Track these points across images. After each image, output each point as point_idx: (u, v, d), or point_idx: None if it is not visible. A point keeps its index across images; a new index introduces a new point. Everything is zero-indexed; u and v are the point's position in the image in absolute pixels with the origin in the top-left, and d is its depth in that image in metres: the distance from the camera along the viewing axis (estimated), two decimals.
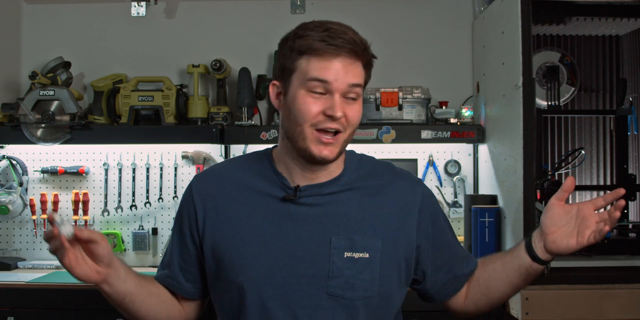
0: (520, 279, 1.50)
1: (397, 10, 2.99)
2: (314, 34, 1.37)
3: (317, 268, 1.39)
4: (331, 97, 1.35)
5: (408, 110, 2.79)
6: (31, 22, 3.03)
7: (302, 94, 1.37)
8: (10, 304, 2.39)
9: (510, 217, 2.36)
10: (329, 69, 1.35)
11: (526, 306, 2.19)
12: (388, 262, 1.43)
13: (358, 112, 1.40)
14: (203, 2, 3.01)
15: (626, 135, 2.64)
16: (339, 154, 1.40)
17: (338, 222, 1.42)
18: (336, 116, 1.34)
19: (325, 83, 1.35)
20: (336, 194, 1.45)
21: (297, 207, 1.42)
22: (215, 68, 2.80)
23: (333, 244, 1.40)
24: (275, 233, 1.41)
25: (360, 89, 1.40)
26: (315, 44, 1.35)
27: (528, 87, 2.22)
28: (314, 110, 1.35)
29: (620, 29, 2.77)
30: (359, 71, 1.39)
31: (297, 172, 1.44)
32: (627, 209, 2.61)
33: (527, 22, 2.21)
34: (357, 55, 1.38)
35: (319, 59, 1.36)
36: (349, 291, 1.39)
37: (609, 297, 2.20)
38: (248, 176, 1.47)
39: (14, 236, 2.92)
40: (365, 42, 1.41)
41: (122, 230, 2.90)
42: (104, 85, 2.86)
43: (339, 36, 1.36)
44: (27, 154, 2.91)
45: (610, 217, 1.41)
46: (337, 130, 1.37)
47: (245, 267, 1.40)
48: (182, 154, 2.89)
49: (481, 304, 1.57)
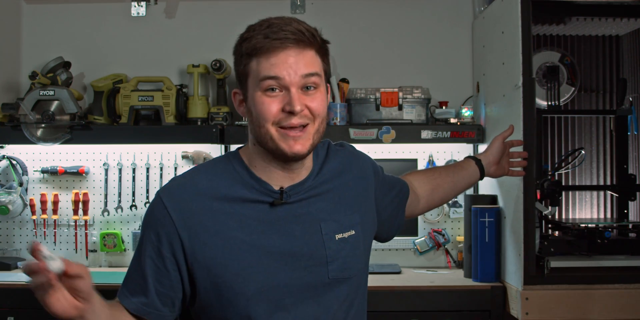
0: (465, 188, 1.92)
1: (397, 10, 2.99)
2: (257, 33, 1.36)
3: (316, 257, 1.42)
4: (288, 93, 1.33)
5: (408, 110, 2.79)
6: (31, 22, 3.03)
7: (258, 95, 1.34)
8: (10, 304, 2.39)
9: (510, 217, 2.36)
10: (277, 65, 1.33)
11: (526, 306, 2.20)
12: (368, 233, 1.54)
13: (321, 101, 1.38)
14: (203, 2, 3.01)
15: (626, 135, 2.64)
16: (312, 146, 1.38)
17: (321, 209, 1.45)
18: (295, 111, 1.32)
19: (277, 79, 1.33)
20: (315, 186, 1.46)
21: (286, 209, 1.41)
22: (215, 68, 2.80)
23: (324, 230, 1.43)
24: (270, 236, 1.39)
25: (317, 78, 1.36)
26: (260, 43, 1.34)
27: (528, 87, 2.22)
28: (273, 109, 1.33)
29: (620, 29, 2.77)
30: (310, 59, 1.36)
31: (277, 174, 1.41)
32: (627, 209, 2.61)
33: (527, 22, 2.22)
34: (305, 44, 1.35)
35: (266, 57, 1.34)
36: (347, 270, 1.44)
37: (608, 297, 2.21)
38: (225, 185, 1.40)
39: (14, 236, 2.92)
40: (313, 29, 1.38)
41: (122, 230, 2.90)
42: (104, 85, 2.86)
43: (281, 29, 1.34)
44: (27, 154, 2.91)
45: (521, 154, 2.09)
46: (302, 124, 1.35)
47: (252, 275, 1.37)
48: (182, 154, 2.89)
49: (433, 206, 1.87)
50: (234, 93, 1.44)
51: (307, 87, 1.35)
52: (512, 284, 2.31)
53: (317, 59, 1.38)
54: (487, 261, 2.45)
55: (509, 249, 2.37)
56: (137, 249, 1.41)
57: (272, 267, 1.39)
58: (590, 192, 2.82)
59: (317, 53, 1.38)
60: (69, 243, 2.90)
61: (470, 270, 2.51)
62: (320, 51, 1.40)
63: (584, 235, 2.39)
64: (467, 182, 1.88)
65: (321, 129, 1.39)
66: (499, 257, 2.45)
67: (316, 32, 1.39)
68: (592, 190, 2.81)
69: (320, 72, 1.38)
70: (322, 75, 1.39)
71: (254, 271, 1.38)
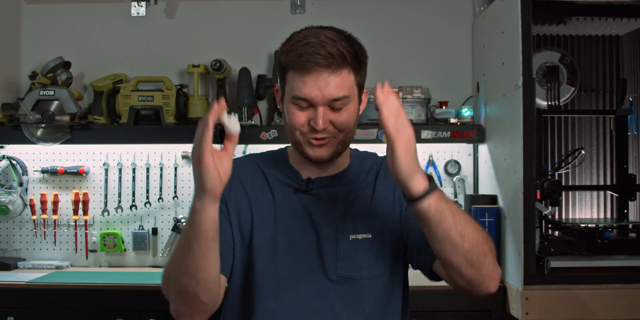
0: (425, 229, 1.33)
1: (397, 10, 3.00)
2: (294, 48, 1.42)
3: (327, 252, 1.49)
4: (315, 110, 1.42)
5: (408, 110, 2.79)
6: (31, 22, 3.03)
7: (290, 105, 1.46)
8: (10, 304, 2.39)
9: (510, 217, 2.36)
10: (307, 86, 1.40)
11: (526, 306, 2.20)
12: (392, 242, 1.53)
13: (348, 116, 1.45)
14: (203, 2, 3.01)
15: (626, 135, 2.64)
16: (335, 153, 1.49)
17: (344, 209, 1.53)
18: (318, 128, 1.42)
19: (306, 101, 1.42)
20: (343, 185, 1.56)
21: (308, 198, 1.53)
22: (215, 68, 2.80)
23: (339, 229, 1.50)
24: (289, 221, 1.51)
25: (345, 100, 1.43)
26: (294, 60, 1.41)
27: (528, 87, 2.22)
28: (301, 120, 1.45)
29: (620, 29, 2.77)
30: (341, 82, 1.42)
31: (307, 166, 1.55)
32: (627, 209, 2.61)
33: (527, 22, 2.22)
34: (337, 65, 1.40)
35: (300, 75, 1.41)
36: (356, 271, 1.48)
37: (609, 297, 2.21)
38: (266, 168, 1.59)
39: (14, 236, 2.92)
40: (347, 49, 1.42)
41: (122, 230, 2.90)
42: (104, 85, 2.86)
43: (315, 51, 1.39)
44: (27, 154, 2.91)
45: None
46: (325, 137, 1.45)
47: (264, 248, 1.50)
48: (182, 154, 2.89)
49: (447, 268, 1.38)
50: (275, 90, 1.57)
51: (335, 106, 1.43)
52: (512, 284, 2.31)
53: (350, 77, 1.44)
54: None
55: (509, 249, 2.37)
56: None
57: (281, 249, 1.50)
58: (590, 192, 2.82)
59: (350, 70, 1.44)
60: (69, 243, 2.90)
61: None
62: (354, 68, 1.45)
63: (584, 235, 2.39)
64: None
65: (347, 140, 1.50)
66: (499, 257, 2.45)
67: (353, 52, 1.43)
68: (592, 190, 2.82)
69: (351, 92, 1.45)
70: (353, 93, 1.46)
71: (265, 246, 1.50)
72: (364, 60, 1.50)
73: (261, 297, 1.48)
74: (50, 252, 2.91)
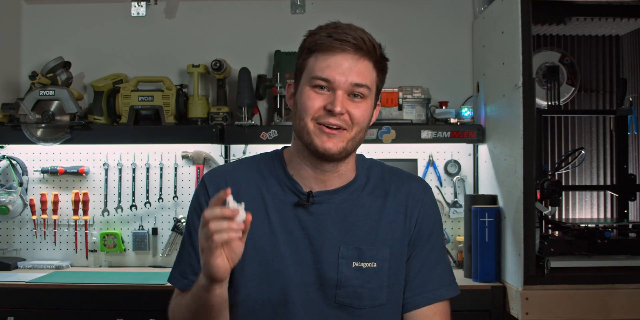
0: None
1: (397, 10, 3.00)
2: (322, 30, 1.40)
3: (326, 277, 1.40)
4: (334, 94, 1.37)
5: (408, 110, 2.79)
6: (31, 22, 3.03)
7: (307, 89, 1.39)
8: (10, 303, 2.40)
9: (510, 217, 2.36)
10: (331, 67, 1.37)
11: (526, 306, 2.20)
12: (396, 270, 1.44)
13: (364, 111, 1.39)
14: (203, 2, 3.01)
15: (626, 135, 2.64)
16: (344, 150, 1.39)
17: (347, 231, 1.43)
18: (335, 111, 1.35)
19: (328, 81, 1.37)
20: (347, 202, 1.45)
21: (308, 215, 1.42)
22: (215, 68, 2.80)
23: (341, 254, 1.40)
24: (287, 240, 1.41)
25: (366, 90, 1.39)
26: (322, 39, 1.38)
27: (528, 87, 2.22)
28: (317, 104, 1.37)
29: (620, 29, 2.77)
30: (364, 70, 1.39)
31: (309, 174, 1.44)
32: (627, 209, 2.61)
33: (527, 22, 2.22)
34: (364, 53, 1.39)
35: (324, 56, 1.38)
36: (357, 300, 1.40)
37: (608, 297, 2.21)
38: (261, 178, 1.46)
39: (14, 236, 2.92)
40: (377, 43, 1.43)
41: (122, 230, 2.90)
42: (104, 85, 2.86)
43: (345, 32, 1.38)
44: (27, 154, 2.91)
45: None
46: (339, 127, 1.37)
47: (257, 273, 1.40)
48: (182, 154, 2.89)
49: None
50: (288, 85, 1.49)
51: (355, 94, 1.38)
52: (512, 284, 2.31)
53: (372, 72, 1.42)
54: (487, 261, 2.45)
55: (509, 249, 2.37)
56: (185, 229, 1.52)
57: (277, 273, 1.40)
58: (590, 192, 2.82)
59: (374, 66, 1.42)
60: (69, 243, 2.90)
61: (470, 270, 2.51)
62: (377, 65, 1.43)
63: (584, 235, 2.39)
64: None
65: (358, 138, 1.41)
66: (499, 257, 2.45)
67: (379, 46, 1.43)
68: (592, 190, 2.82)
69: (371, 86, 1.41)
70: (372, 88, 1.42)
71: (258, 270, 1.40)
72: (386, 66, 1.48)
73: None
74: (50, 252, 2.91)
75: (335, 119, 1.36)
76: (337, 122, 1.36)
